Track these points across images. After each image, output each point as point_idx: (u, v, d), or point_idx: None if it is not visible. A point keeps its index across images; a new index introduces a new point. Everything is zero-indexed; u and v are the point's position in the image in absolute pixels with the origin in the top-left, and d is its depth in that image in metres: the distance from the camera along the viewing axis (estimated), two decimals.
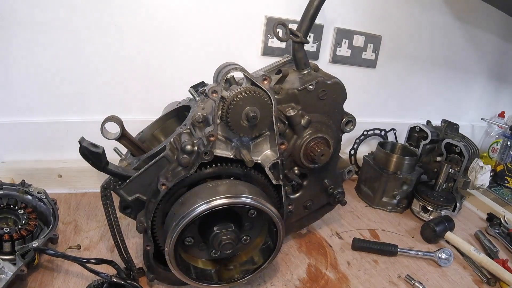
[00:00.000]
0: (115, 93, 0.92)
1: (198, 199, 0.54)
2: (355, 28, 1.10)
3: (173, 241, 0.55)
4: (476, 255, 0.82)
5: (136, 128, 0.76)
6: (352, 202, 1.06)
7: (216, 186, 0.57)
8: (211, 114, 0.55)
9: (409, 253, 0.83)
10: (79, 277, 0.64)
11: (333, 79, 0.63)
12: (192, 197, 0.56)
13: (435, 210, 0.97)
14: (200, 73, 0.74)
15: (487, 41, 1.38)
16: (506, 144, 1.46)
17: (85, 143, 0.52)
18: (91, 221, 0.81)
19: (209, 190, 0.56)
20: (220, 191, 0.56)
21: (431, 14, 1.20)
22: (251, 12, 0.96)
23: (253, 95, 0.50)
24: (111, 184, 0.58)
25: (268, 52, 1.02)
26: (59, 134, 0.90)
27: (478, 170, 1.02)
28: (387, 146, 1.12)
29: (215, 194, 0.55)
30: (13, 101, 0.85)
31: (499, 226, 0.99)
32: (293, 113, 0.59)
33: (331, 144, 0.64)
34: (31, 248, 0.60)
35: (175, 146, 0.58)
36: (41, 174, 0.87)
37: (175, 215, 0.56)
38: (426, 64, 1.29)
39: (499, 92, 1.57)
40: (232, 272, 0.66)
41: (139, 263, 0.67)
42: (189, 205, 0.54)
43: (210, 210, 0.54)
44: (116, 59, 0.89)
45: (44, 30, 0.80)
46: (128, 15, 0.85)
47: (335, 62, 1.11)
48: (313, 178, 0.70)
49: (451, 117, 1.18)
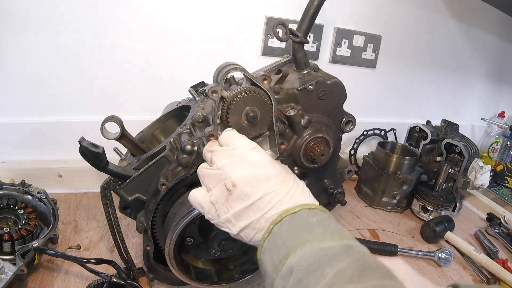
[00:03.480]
0: (115, 93, 0.92)
1: None
2: (355, 28, 1.10)
3: (173, 241, 0.55)
4: (476, 255, 0.82)
5: (136, 128, 0.76)
6: (352, 202, 1.06)
7: None
8: (211, 114, 0.55)
9: (409, 253, 0.83)
10: (79, 277, 0.64)
11: (333, 79, 0.63)
12: None
13: (435, 210, 0.97)
14: (200, 73, 0.74)
15: (487, 41, 1.38)
16: (506, 144, 1.46)
17: (85, 143, 0.52)
18: (91, 221, 0.81)
19: None
20: None
21: (431, 14, 1.20)
22: (251, 12, 0.96)
23: (253, 95, 0.50)
24: (111, 184, 0.58)
25: (268, 52, 1.02)
26: (59, 134, 0.90)
27: (478, 170, 1.02)
28: (387, 146, 1.12)
29: None
30: (13, 101, 0.85)
31: (499, 226, 0.99)
32: (293, 113, 0.59)
33: (331, 144, 0.64)
34: (31, 248, 0.60)
35: (175, 146, 0.58)
36: (41, 174, 0.87)
37: (175, 215, 0.56)
38: (426, 64, 1.29)
39: (499, 92, 1.57)
40: (232, 272, 0.66)
41: (139, 263, 0.67)
42: (189, 205, 0.54)
43: None
44: (116, 59, 0.89)
45: (44, 30, 0.80)
46: (128, 15, 0.85)
47: (335, 62, 1.12)
48: (313, 178, 0.70)
49: (451, 117, 1.18)
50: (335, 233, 0.41)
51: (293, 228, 0.41)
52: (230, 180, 0.44)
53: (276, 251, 0.41)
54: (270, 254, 0.42)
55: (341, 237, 0.40)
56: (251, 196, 0.44)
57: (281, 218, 0.42)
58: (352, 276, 0.35)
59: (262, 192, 0.44)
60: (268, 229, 0.43)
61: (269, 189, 0.44)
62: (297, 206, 0.43)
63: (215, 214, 0.46)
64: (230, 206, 0.45)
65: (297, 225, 0.42)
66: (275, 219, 0.43)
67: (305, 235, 0.40)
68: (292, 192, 0.45)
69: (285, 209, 0.43)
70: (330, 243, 0.39)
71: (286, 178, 0.46)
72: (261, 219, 0.44)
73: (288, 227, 0.42)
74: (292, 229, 0.41)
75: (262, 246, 0.43)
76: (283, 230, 0.42)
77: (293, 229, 0.41)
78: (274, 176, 0.45)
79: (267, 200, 0.44)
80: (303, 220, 0.42)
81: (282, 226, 0.42)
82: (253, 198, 0.43)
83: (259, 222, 0.44)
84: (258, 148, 0.48)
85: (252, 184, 0.44)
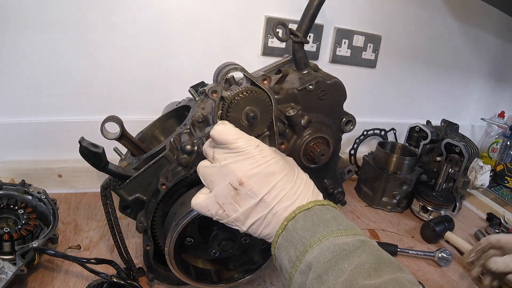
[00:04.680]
0: (115, 93, 0.92)
1: None
2: (355, 28, 1.10)
3: (173, 241, 0.55)
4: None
5: (136, 128, 0.76)
6: (352, 202, 1.06)
7: None
8: (211, 114, 0.55)
9: (408, 253, 0.83)
10: (79, 277, 0.64)
11: (333, 79, 0.63)
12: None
13: (435, 210, 0.97)
14: (200, 73, 0.74)
15: (487, 41, 1.38)
16: (506, 144, 1.46)
17: (85, 143, 0.52)
18: (91, 221, 0.81)
19: None
20: None
21: (431, 14, 1.20)
22: (251, 12, 0.96)
23: (253, 95, 0.50)
24: (111, 184, 0.58)
25: (268, 52, 1.02)
26: (59, 134, 0.90)
27: (478, 170, 1.02)
28: (387, 146, 1.12)
29: None
30: (13, 101, 0.85)
31: (499, 226, 0.99)
32: (293, 113, 0.59)
33: (331, 144, 0.64)
34: (31, 248, 0.60)
35: (175, 146, 0.58)
36: (41, 174, 0.87)
37: (175, 215, 0.56)
38: (426, 64, 1.29)
39: (499, 92, 1.57)
40: (232, 272, 0.66)
41: (139, 263, 0.67)
42: (189, 205, 0.54)
43: None
44: (116, 59, 0.89)
45: (44, 30, 0.80)
46: (128, 15, 0.85)
47: (335, 62, 1.11)
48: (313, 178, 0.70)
49: (451, 117, 1.18)
50: (348, 229, 0.42)
51: (308, 224, 0.42)
52: (236, 178, 0.44)
53: (293, 247, 0.42)
54: (286, 250, 0.43)
55: (354, 232, 0.42)
56: (258, 194, 0.44)
57: (294, 215, 0.43)
58: (369, 271, 0.36)
59: (268, 188, 0.44)
60: (282, 225, 0.43)
61: (275, 185, 0.44)
62: (310, 202, 0.44)
63: (224, 215, 0.46)
64: (239, 205, 0.45)
65: (312, 221, 0.42)
66: (289, 216, 0.43)
67: (321, 230, 0.41)
68: (296, 185, 0.46)
69: (298, 205, 0.44)
70: (345, 238, 0.40)
71: (289, 172, 0.47)
72: (269, 214, 0.44)
73: (303, 223, 0.43)
74: (307, 225, 0.42)
75: (276, 242, 0.44)
76: (298, 227, 0.42)
77: (308, 225, 0.42)
78: (279, 172, 0.45)
79: (273, 196, 0.44)
80: (317, 216, 0.43)
81: (296, 222, 0.43)
82: (260, 195, 0.44)
83: (267, 217, 0.45)
84: (262, 144, 0.48)
85: (258, 181, 0.44)
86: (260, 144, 0.47)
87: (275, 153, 0.48)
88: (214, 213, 0.47)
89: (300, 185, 0.46)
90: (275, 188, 0.44)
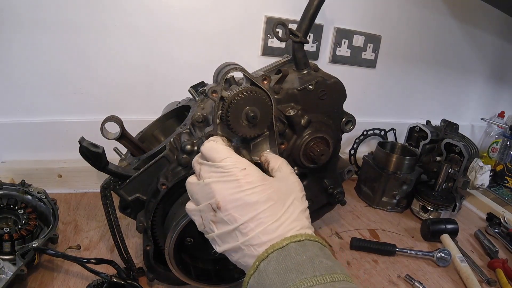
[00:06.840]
0: (115, 93, 0.92)
1: None
2: (355, 28, 1.10)
3: (173, 241, 0.55)
4: (459, 264, 0.80)
5: (136, 128, 0.76)
6: (352, 202, 1.06)
7: None
8: (211, 114, 0.55)
9: (407, 252, 0.83)
10: (79, 277, 0.64)
11: (333, 79, 0.64)
12: None
13: (435, 210, 0.97)
14: (200, 73, 0.74)
15: (487, 41, 1.38)
16: (505, 144, 1.46)
17: (85, 143, 0.52)
18: (91, 221, 0.81)
19: None
20: None
21: (431, 14, 1.20)
22: (251, 12, 0.96)
23: (253, 95, 0.50)
24: (111, 184, 0.58)
25: (268, 52, 1.02)
26: (59, 134, 0.90)
27: (477, 170, 1.02)
28: (387, 146, 1.12)
29: None
30: (13, 101, 0.85)
31: (499, 226, 0.99)
32: (293, 113, 0.59)
33: (331, 144, 0.64)
34: (31, 248, 0.60)
35: (175, 146, 0.58)
36: (41, 174, 0.87)
37: (175, 215, 0.56)
38: (426, 64, 1.30)
39: (499, 92, 1.57)
40: (232, 272, 0.66)
41: (139, 263, 0.67)
42: None
43: None
44: (116, 59, 0.89)
45: (44, 30, 0.80)
46: (128, 15, 0.85)
47: (335, 62, 1.12)
48: (313, 178, 0.70)
49: (451, 117, 1.18)
50: (327, 274, 0.37)
51: (280, 267, 0.38)
52: (216, 201, 0.42)
53: None
54: None
55: (332, 278, 0.37)
56: (234, 222, 0.41)
57: (267, 254, 0.39)
58: None
59: (246, 217, 0.41)
60: (254, 265, 0.40)
61: (254, 216, 0.41)
62: (285, 239, 0.40)
63: (205, 230, 0.46)
64: (216, 226, 0.43)
65: (285, 265, 0.38)
66: (261, 255, 0.39)
67: (293, 278, 0.37)
68: (282, 220, 0.41)
69: (272, 243, 0.40)
70: None
71: (277, 204, 0.42)
72: (242, 245, 0.41)
73: (275, 265, 0.38)
74: (279, 269, 0.38)
75: (247, 283, 0.41)
76: (270, 270, 0.38)
77: (280, 269, 0.38)
78: (263, 202, 0.41)
79: (251, 227, 0.41)
80: (291, 259, 0.38)
81: (268, 264, 0.39)
82: (236, 224, 0.41)
83: (241, 248, 0.41)
84: (250, 168, 0.44)
85: (237, 208, 0.41)
86: (247, 168, 0.44)
87: (265, 180, 0.44)
88: (198, 225, 0.46)
89: (289, 218, 0.42)
90: (255, 219, 0.41)
